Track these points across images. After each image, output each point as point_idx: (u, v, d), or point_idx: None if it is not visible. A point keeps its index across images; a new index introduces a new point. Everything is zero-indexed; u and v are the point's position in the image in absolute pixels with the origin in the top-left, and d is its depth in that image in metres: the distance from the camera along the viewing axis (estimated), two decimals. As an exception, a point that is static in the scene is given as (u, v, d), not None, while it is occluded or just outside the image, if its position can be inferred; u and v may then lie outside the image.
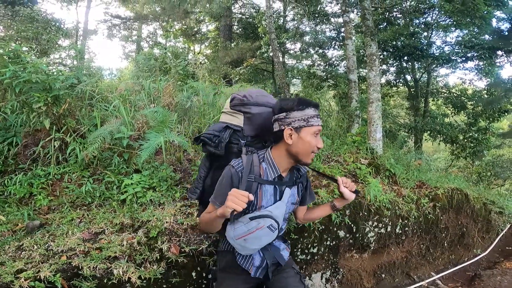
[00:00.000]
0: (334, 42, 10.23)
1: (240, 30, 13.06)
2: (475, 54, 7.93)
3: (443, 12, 7.77)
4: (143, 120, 3.10)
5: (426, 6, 8.52)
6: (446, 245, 3.51)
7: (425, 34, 9.32)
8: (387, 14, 9.00)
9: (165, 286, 1.80)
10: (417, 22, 9.39)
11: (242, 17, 13.05)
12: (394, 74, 10.50)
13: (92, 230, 2.02)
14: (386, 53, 8.96)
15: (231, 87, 5.23)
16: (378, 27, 8.81)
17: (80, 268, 1.66)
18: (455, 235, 3.57)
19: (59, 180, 2.59)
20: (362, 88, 8.47)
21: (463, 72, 10.10)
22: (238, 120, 1.47)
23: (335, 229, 2.54)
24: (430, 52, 8.55)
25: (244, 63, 9.67)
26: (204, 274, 1.94)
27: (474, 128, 8.50)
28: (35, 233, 2.03)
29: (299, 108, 1.30)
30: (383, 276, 2.98)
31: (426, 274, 3.29)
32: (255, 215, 1.30)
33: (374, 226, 2.78)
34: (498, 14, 7.28)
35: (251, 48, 10.41)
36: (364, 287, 2.81)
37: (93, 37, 13.98)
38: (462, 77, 10.78)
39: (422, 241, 3.24)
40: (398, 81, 10.51)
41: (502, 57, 8.16)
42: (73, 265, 1.67)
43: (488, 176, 9.28)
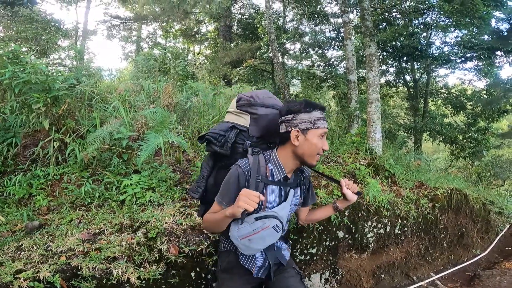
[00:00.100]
0: (333, 43, 10.24)
1: (239, 30, 13.07)
2: (474, 55, 7.96)
3: (442, 12, 7.80)
4: (143, 120, 3.10)
5: (425, 7, 8.54)
6: (445, 245, 3.51)
7: (424, 34, 9.35)
8: (387, 14, 9.02)
9: (164, 286, 1.80)
10: (416, 22, 9.41)
11: (242, 17, 13.06)
12: (394, 75, 10.53)
13: (91, 231, 2.02)
14: (386, 53, 8.98)
15: (231, 88, 5.23)
16: (378, 28, 8.82)
17: (79, 268, 1.66)
18: (455, 236, 3.57)
19: (59, 180, 2.59)
20: (361, 88, 8.47)
21: (463, 72, 10.14)
22: (244, 120, 1.47)
23: (334, 229, 2.54)
24: (429, 52, 8.57)
25: (243, 64, 9.65)
26: (203, 275, 1.94)
27: (473, 128, 8.53)
28: (34, 233, 2.03)
29: (306, 110, 1.32)
30: (382, 276, 2.98)
31: (426, 275, 3.28)
32: (261, 215, 1.30)
33: (373, 226, 2.78)
34: (497, 15, 7.32)
35: (251, 48, 10.43)
36: (363, 288, 2.82)
37: (92, 37, 13.96)
38: (462, 77, 10.79)
39: (421, 241, 3.25)
40: (397, 81, 10.54)
41: (501, 57, 8.18)
42: (72, 265, 1.68)
43: (487, 176, 9.29)
